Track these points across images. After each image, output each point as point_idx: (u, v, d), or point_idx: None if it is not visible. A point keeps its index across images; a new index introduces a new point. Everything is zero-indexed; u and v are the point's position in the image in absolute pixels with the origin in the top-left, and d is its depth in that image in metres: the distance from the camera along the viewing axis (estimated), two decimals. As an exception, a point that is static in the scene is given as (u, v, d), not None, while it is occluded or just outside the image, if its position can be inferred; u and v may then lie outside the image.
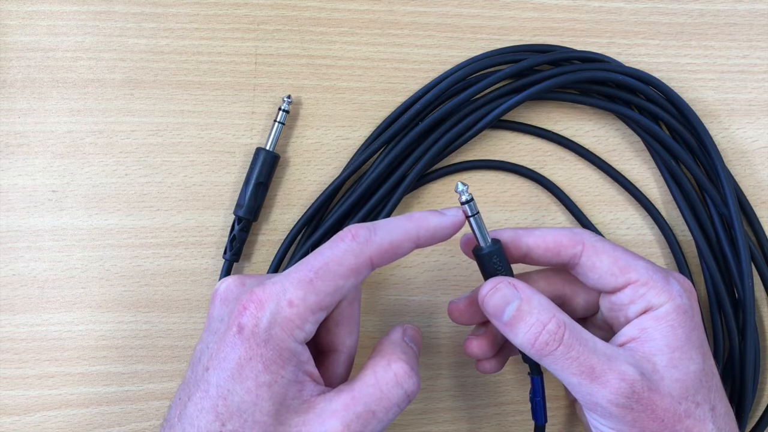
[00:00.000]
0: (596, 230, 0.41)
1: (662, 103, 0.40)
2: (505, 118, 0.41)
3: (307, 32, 0.41)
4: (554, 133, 0.41)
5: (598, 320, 0.35)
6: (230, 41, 0.41)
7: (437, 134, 0.39)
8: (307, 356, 0.28)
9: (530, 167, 0.41)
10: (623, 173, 0.41)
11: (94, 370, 0.39)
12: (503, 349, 0.36)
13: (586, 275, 0.32)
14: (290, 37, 0.41)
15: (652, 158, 0.41)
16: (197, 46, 0.41)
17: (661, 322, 0.30)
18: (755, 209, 0.41)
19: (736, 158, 0.42)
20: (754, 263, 0.40)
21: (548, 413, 0.35)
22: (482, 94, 0.40)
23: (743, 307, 0.38)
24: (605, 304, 0.33)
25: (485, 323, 0.35)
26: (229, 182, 0.40)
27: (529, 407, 0.36)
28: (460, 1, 0.42)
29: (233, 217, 0.39)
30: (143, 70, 0.40)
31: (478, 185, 0.41)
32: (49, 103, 0.40)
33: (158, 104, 0.40)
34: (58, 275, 0.39)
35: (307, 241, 0.39)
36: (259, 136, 0.41)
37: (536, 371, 0.34)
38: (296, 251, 0.39)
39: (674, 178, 0.40)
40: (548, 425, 0.35)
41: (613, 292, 0.32)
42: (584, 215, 0.41)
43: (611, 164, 0.41)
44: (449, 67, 0.41)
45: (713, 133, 0.41)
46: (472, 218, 0.31)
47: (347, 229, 0.29)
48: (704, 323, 0.39)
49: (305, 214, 0.39)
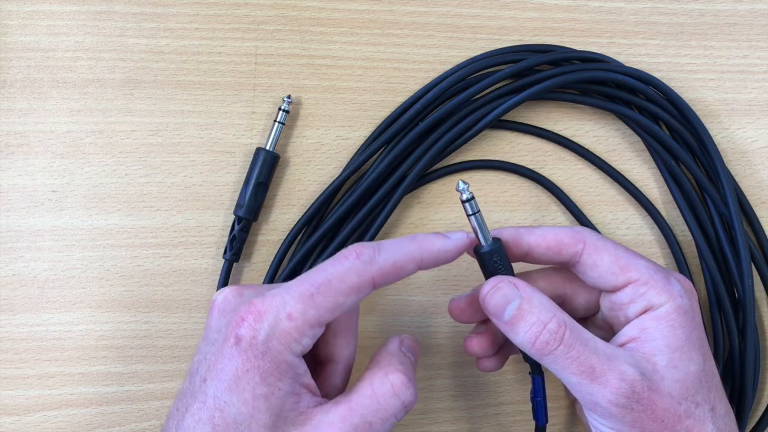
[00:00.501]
0: (596, 230, 0.41)
1: (662, 103, 0.40)
2: (505, 118, 0.41)
3: (307, 32, 0.41)
4: (554, 133, 0.41)
5: (598, 320, 0.35)
6: (230, 41, 0.41)
7: (437, 134, 0.39)
8: (304, 368, 0.28)
9: (530, 167, 0.41)
10: (623, 173, 0.41)
11: (94, 370, 0.39)
12: (503, 347, 0.36)
13: (586, 274, 0.32)
14: (290, 37, 0.41)
15: (652, 158, 0.41)
16: (197, 46, 0.41)
17: (661, 322, 0.30)
18: (755, 209, 0.41)
19: (736, 158, 0.42)
20: (754, 263, 0.40)
21: (549, 413, 0.35)
22: (482, 94, 0.40)
23: (743, 307, 0.38)
24: (606, 303, 0.33)
25: (485, 321, 0.35)
26: (229, 182, 0.40)
27: (529, 407, 0.35)
28: (460, 1, 0.42)
29: (233, 217, 0.39)
30: (143, 70, 0.40)
31: (478, 185, 0.41)
32: (49, 103, 0.40)
33: (158, 104, 0.40)
34: (58, 275, 0.39)
35: (307, 241, 0.39)
36: (259, 136, 0.41)
37: (537, 371, 0.34)
38: (296, 251, 0.39)
39: (674, 178, 0.40)
40: (549, 425, 0.35)
41: (613, 291, 0.32)
42: (584, 215, 0.41)
43: (611, 164, 0.41)
44: (449, 67, 0.41)
45: (713, 133, 0.41)
46: (472, 216, 0.31)
47: (352, 247, 0.29)
48: (704, 323, 0.39)
49: (305, 214, 0.39)
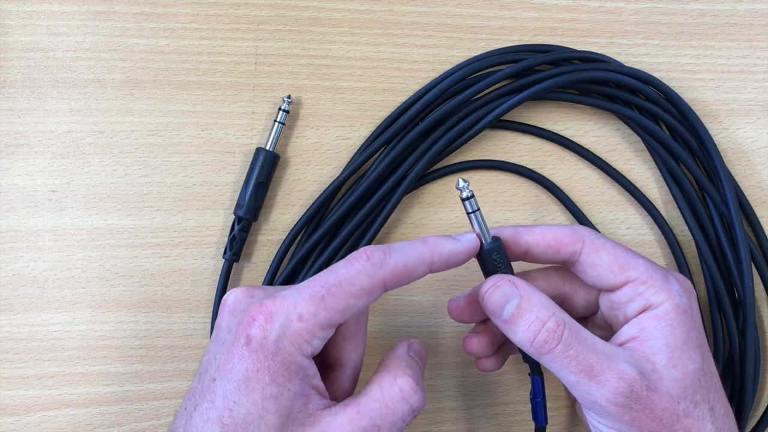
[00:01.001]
0: (596, 230, 0.41)
1: (662, 103, 0.40)
2: (505, 118, 0.41)
3: (307, 32, 0.41)
4: (554, 133, 0.41)
5: (597, 319, 0.35)
6: (230, 41, 0.41)
7: (437, 134, 0.39)
8: (314, 370, 0.28)
9: (530, 167, 0.41)
10: (623, 173, 0.41)
11: (94, 370, 0.39)
12: (503, 347, 0.36)
13: (585, 272, 0.32)
14: (290, 37, 0.41)
15: (652, 158, 0.41)
16: (197, 46, 0.41)
17: (660, 321, 0.30)
18: (755, 209, 0.41)
19: (736, 158, 0.42)
20: (754, 263, 0.40)
21: (549, 414, 0.35)
22: (482, 94, 0.40)
23: (743, 307, 0.38)
24: (605, 302, 0.33)
25: (485, 321, 0.35)
26: (229, 182, 0.40)
27: (529, 407, 0.35)
28: (460, 1, 0.42)
29: (233, 217, 0.39)
30: (143, 70, 0.41)
31: (478, 185, 0.41)
32: (49, 103, 0.40)
33: (158, 104, 0.40)
34: (58, 275, 0.39)
35: (307, 241, 0.39)
36: (259, 136, 0.41)
37: (536, 371, 0.34)
38: (296, 251, 0.39)
39: (674, 178, 0.40)
40: (549, 426, 0.35)
41: (612, 290, 0.32)
42: (584, 215, 0.41)
43: (611, 164, 0.41)
44: (449, 67, 0.41)
45: (713, 133, 0.41)
46: (472, 215, 0.31)
47: (362, 249, 0.29)
48: (704, 323, 0.39)
49: (305, 214, 0.39)
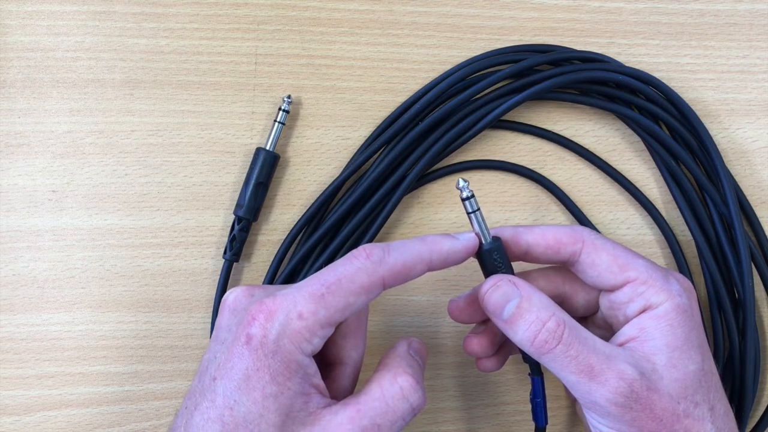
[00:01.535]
0: (596, 230, 0.41)
1: (662, 103, 0.40)
2: (505, 118, 0.41)
3: (307, 32, 0.41)
4: (554, 133, 0.41)
5: (598, 319, 0.35)
6: (230, 41, 0.41)
7: (437, 134, 0.39)
8: (314, 369, 0.28)
9: (530, 167, 0.41)
10: (623, 173, 0.41)
11: (94, 370, 0.39)
12: (503, 347, 0.36)
13: (585, 273, 0.32)
14: (290, 37, 0.41)
15: (652, 158, 0.41)
16: (197, 46, 0.41)
17: (660, 321, 0.30)
18: (755, 209, 0.41)
19: (736, 158, 0.42)
20: (754, 263, 0.40)
21: (549, 414, 0.35)
22: (482, 94, 0.40)
23: (743, 307, 0.38)
24: (605, 302, 0.33)
25: (485, 321, 0.35)
26: (229, 182, 0.40)
27: (529, 407, 0.35)
28: (460, 1, 0.42)
29: (233, 217, 0.39)
30: (143, 70, 0.40)
31: (478, 185, 0.41)
32: (49, 103, 0.40)
33: (158, 104, 0.40)
34: (58, 275, 0.39)
35: (307, 241, 0.39)
36: (259, 136, 0.41)
37: (536, 371, 0.34)
38: (296, 251, 0.39)
39: (674, 178, 0.40)
40: (549, 426, 0.35)
41: (612, 290, 0.32)
42: (584, 215, 0.41)
43: (611, 164, 0.41)
44: (449, 67, 0.41)
45: (713, 133, 0.41)
46: (472, 214, 0.31)
47: (362, 247, 0.29)
48: (704, 323, 0.39)
49: (305, 214, 0.39)
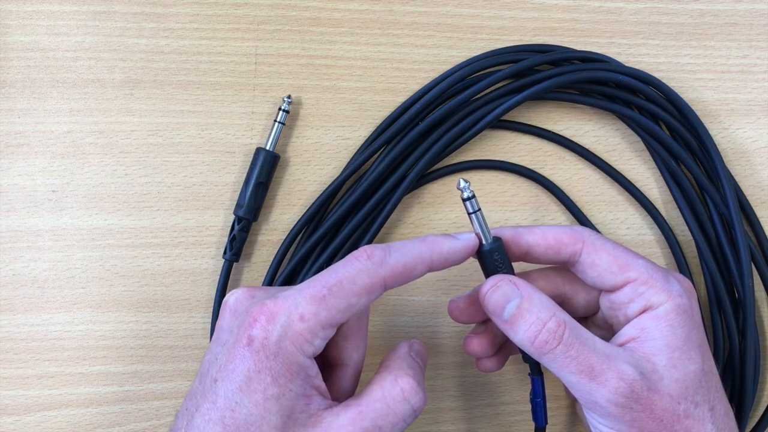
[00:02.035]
0: (596, 230, 0.41)
1: (662, 103, 0.40)
2: (505, 118, 0.41)
3: (307, 32, 0.41)
4: (554, 133, 0.41)
5: (598, 320, 0.35)
6: (230, 41, 0.41)
7: (437, 134, 0.39)
8: (315, 370, 0.28)
9: (530, 167, 0.41)
10: (623, 173, 0.41)
11: (94, 370, 0.39)
12: (503, 347, 0.36)
13: (585, 273, 0.32)
14: (290, 37, 0.41)
15: (652, 158, 0.41)
16: (197, 46, 0.41)
17: (660, 321, 0.30)
18: (755, 209, 0.41)
19: (736, 158, 0.42)
20: (754, 263, 0.40)
21: (549, 414, 0.35)
22: (482, 94, 0.40)
23: (743, 307, 0.38)
24: (605, 303, 0.33)
25: (485, 321, 0.35)
26: (229, 182, 0.40)
27: (529, 407, 0.35)
28: (460, 1, 0.42)
29: (233, 217, 0.39)
30: (143, 70, 0.40)
31: (478, 185, 0.41)
32: (49, 103, 0.40)
33: (158, 104, 0.40)
34: (58, 275, 0.39)
35: (307, 241, 0.39)
36: (259, 136, 0.41)
37: (536, 371, 0.34)
38: (296, 251, 0.39)
39: (674, 178, 0.40)
40: (549, 426, 0.35)
41: (612, 290, 0.32)
42: (584, 215, 0.41)
43: (611, 164, 0.41)
44: (449, 67, 0.41)
45: (713, 133, 0.41)
46: (473, 215, 0.32)
47: (363, 248, 0.29)
48: (704, 323, 0.39)
49: (305, 214, 0.39)
